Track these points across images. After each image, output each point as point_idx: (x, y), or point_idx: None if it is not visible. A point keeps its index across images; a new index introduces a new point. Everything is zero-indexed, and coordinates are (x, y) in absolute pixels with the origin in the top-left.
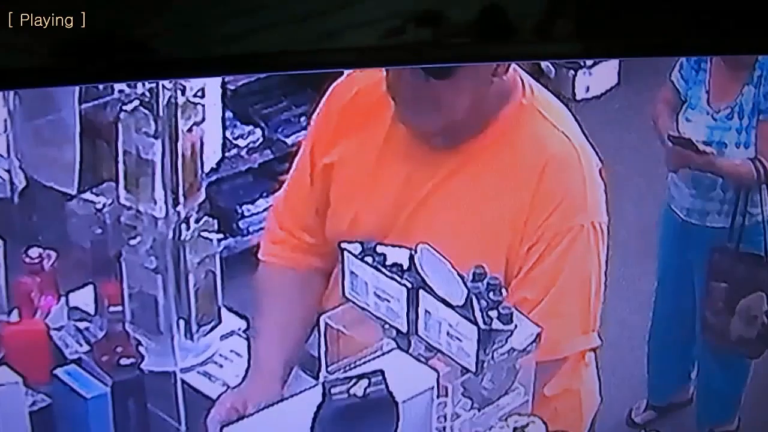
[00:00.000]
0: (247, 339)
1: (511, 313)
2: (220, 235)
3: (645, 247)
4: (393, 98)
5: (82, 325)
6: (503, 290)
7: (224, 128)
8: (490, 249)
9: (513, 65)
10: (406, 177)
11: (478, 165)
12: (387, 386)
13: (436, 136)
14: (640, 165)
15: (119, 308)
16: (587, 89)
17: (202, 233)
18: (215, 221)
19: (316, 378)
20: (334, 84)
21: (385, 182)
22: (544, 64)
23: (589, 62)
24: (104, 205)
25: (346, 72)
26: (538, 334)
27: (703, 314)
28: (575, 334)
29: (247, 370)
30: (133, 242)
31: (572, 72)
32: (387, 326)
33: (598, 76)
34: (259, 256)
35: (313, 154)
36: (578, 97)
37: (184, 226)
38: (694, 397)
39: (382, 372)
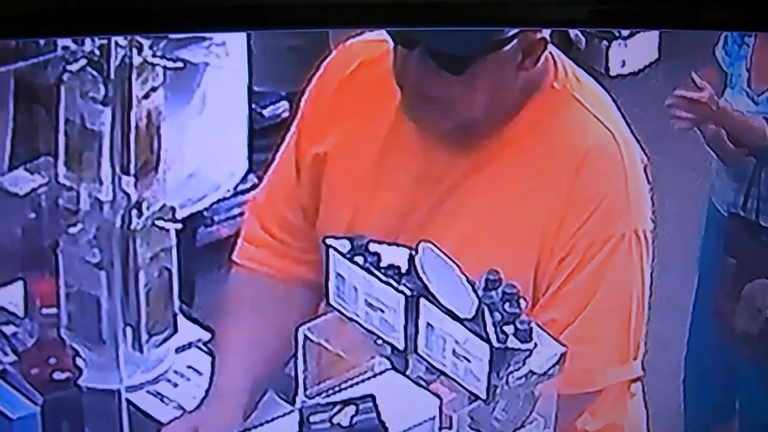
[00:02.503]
0: (210, 353)
1: (531, 329)
2: (179, 225)
3: (686, 253)
4: (399, 86)
5: (8, 329)
6: (521, 301)
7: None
8: (515, 261)
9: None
10: (416, 175)
11: (501, 162)
12: (378, 415)
13: (452, 131)
14: (684, 155)
15: (53, 310)
16: (623, 63)
17: (157, 222)
18: (173, 208)
19: (293, 403)
20: (331, 55)
21: (390, 180)
22: (572, 32)
23: (625, 32)
24: (39, 185)
25: (348, 41)
26: (563, 355)
27: (714, 296)
28: (612, 363)
29: (207, 392)
30: (72, 230)
31: (605, 43)
32: (380, 342)
33: (636, 49)
34: (234, 258)
35: (300, 141)
36: (612, 73)
37: (135, 212)
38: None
39: (372, 397)
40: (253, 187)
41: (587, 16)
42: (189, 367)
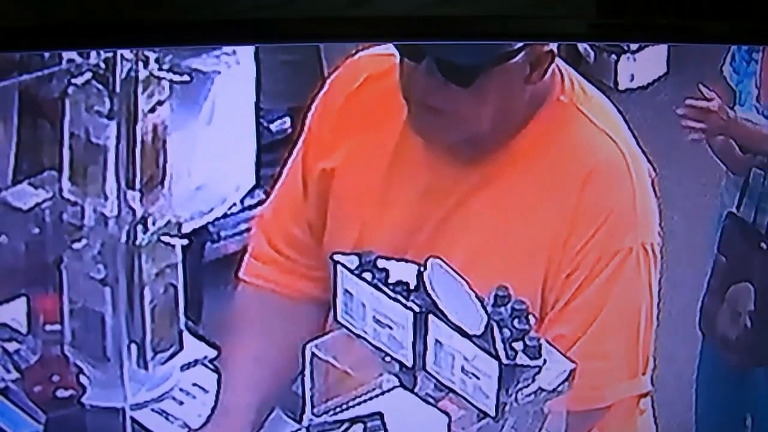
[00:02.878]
0: (216, 371)
1: (540, 346)
2: (185, 241)
3: (696, 268)
4: (405, 100)
5: (11, 346)
6: (530, 317)
7: (257, 112)
8: (523, 277)
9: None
10: (424, 191)
11: (508, 177)
12: None
13: (459, 145)
14: (693, 169)
15: (57, 327)
16: (632, 78)
17: (163, 237)
18: (179, 223)
19: (300, 421)
20: (338, 69)
21: (397, 195)
22: (581, 46)
23: (633, 46)
24: (43, 200)
25: (356, 55)
26: (572, 371)
27: (704, 294)
28: (621, 379)
29: (213, 410)
30: (77, 246)
31: (614, 57)
32: (388, 359)
33: (644, 63)
34: (241, 275)
35: (307, 156)
36: (621, 87)
37: (140, 227)
38: None
39: (380, 415)
40: (260, 202)
41: (594, 30)
42: (195, 384)
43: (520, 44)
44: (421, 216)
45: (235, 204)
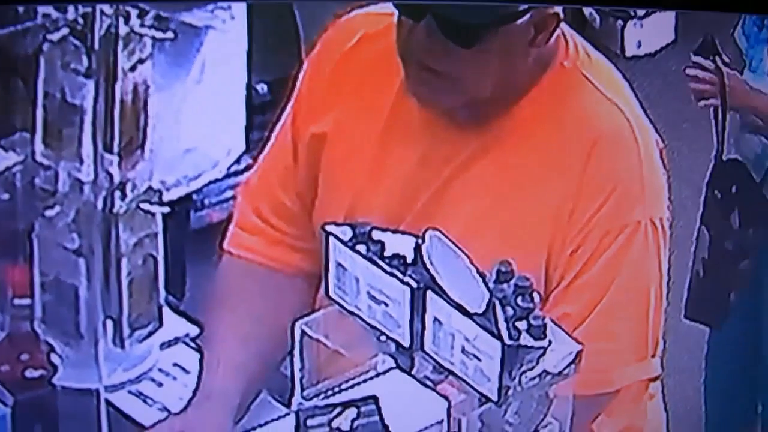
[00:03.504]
0: (199, 350)
1: (544, 325)
2: (166, 209)
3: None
4: (403, 61)
5: None
6: (535, 295)
7: (249, 71)
8: (526, 251)
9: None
10: (421, 157)
11: (510, 144)
12: (382, 418)
13: (458, 110)
14: (702, 141)
15: (26, 301)
16: (639, 44)
17: (142, 205)
18: (160, 190)
19: (288, 405)
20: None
21: (392, 162)
22: (587, 10)
23: (640, 12)
24: (14, 163)
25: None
26: (578, 353)
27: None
28: (629, 361)
29: (195, 392)
30: (49, 213)
31: (620, 22)
32: (383, 338)
33: (652, 30)
34: (225, 246)
35: (297, 120)
36: (628, 54)
37: (118, 194)
38: None
39: (375, 399)
40: (247, 168)
41: None
42: (175, 364)
43: (525, 5)
44: (417, 184)
45: (225, 167)
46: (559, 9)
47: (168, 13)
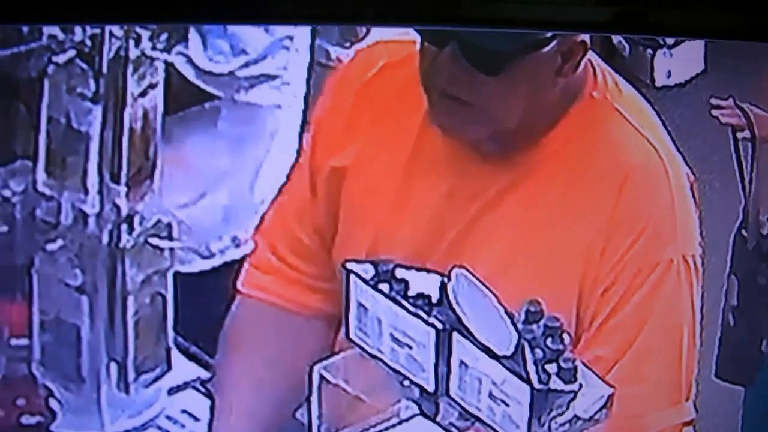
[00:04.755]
0: (210, 396)
1: (575, 368)
2: (177, 244)
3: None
4: (426, 90)
5: None
6: (565, 336)
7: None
8: (556, 291)
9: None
10: (447, 192)
11: (538, 179)
12: None
13: (484, 142)
14: (734, 174)
15: (24, 342)
16: (669, 74)
17: (151, 239)
18: (170, 224)
19: None
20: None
21: (417, 197)
22: (615, 39)
23: (669, 40)
24: (14, 193)
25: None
26: (610, 397)
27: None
28: (662, 406)
29: None
30: (50, 247)
31: (650, 51)
32: (407, 383)
33: (682, 59)
34: (239, 286)
35: (316, 152)
36: (658, 83)
37: (125, 227)
38: None
39: None
40: None
41: (627, 21)
42: (184, 411)
43: (551, 33)
44: (443, 220)
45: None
46: (586, 37)
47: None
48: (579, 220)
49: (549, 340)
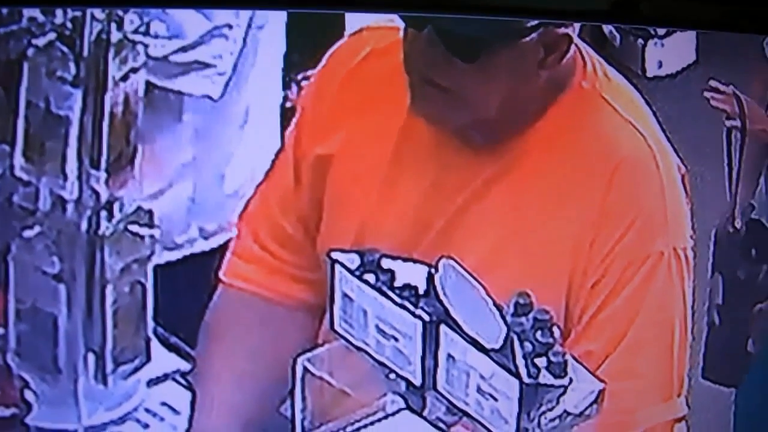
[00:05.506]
0: (191, 388)
1: (565, 362)
2: (157, 231)
3: None
4: (407, 75)
5: None
6: (555, 329)
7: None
8: (545, 283)
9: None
10: (433, 182)
11: (526, 169)
12: None
13: (469, 131)
14: (723, 167)
15: (0, 331)
16: (660, 64)
17: (131, 227)
18: (150, 211)
19: None
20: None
21: (404, 185)
22: (606, 28)
23: (661, 31)
24: None
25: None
26: (601, 392)
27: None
28: (654, 401)
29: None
30: (27, 234)
31: (641, 41)
32: (393, 376)
33: (673, 50)
34: (221, 276)
35: (300, 141)
36: (649, 74)
37: (104, 214)
38: None
39: None
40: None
41: (616, 11)
42: (164, 404)
43: (533, 22)
44: (429, 210)
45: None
46: (569, 30)
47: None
48: (568, 211)
49: (538, 334)
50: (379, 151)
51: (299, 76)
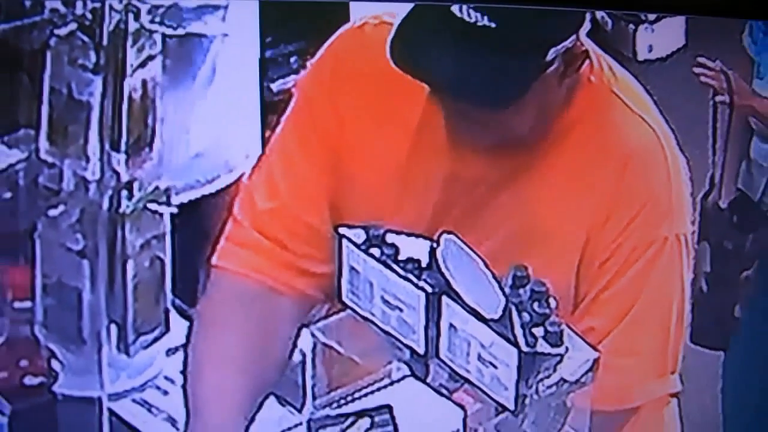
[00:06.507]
0: None
1: (561, 332)
2: (174, 210)
3: None
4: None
5: None
6: (551, 300)
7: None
8: (558, 263)
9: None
10: (450, 174)
11: (546, 162)
12: (396, 428)
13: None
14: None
15: (27, 305)
16: (650, 48)
17: (150, 205)
18: (168, 189)
19: (299, 412)
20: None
21: (421, 177)
22: (599, 14)
23: (651, 16)
24: (17, 161)
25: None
26: (596, 361)
27: None
28: (650, 377)
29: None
30: (52, 213)
31: (632, 26)
32: (398, 345)
33: (663, 34)
34: (214, 261)
35: (310, 125)
36: (640, 57)
37: (124, 193)
38: None
39: (389, 408)
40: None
41: None
42: (182, 372)
43: (554, 54)
44: (448, 201)
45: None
46: (588, 46)
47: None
48: (583, 198)
49: (536, 304)
50: (394, 141)
51: (306, 61)
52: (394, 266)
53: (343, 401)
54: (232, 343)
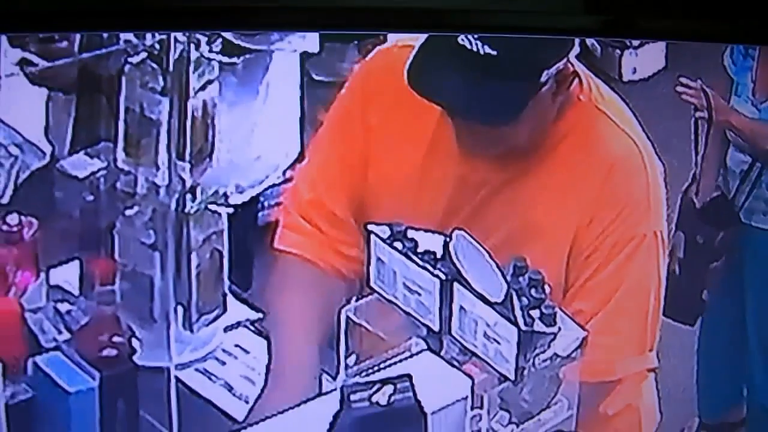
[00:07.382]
0: (257, 332)
1: (555, 314)
2: (231, 210)
3: None
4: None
5: (63, 307)
6: (546, 287)
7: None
8: (550, 255)
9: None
10: (460, 179)
11: (541, 170)
12: (415, 394)
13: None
14: (688, 157)
15: (109, 288)
16: (634, 70)
17: (210, 206)
18: (225, 193)
19: (334, 380)
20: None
21: (435, 182)
22: (589, 41)
23: (635, 42)
24: (98, 169)
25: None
26: (584, 339)
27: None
28: (630, 354)
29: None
30: (129, 212)
31: (618, 51)
32: (417, 324)
33: (645, 58)
34: (276, 245)
35: (349, 134)
36: (625, 78)
37: (189, 196)
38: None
39: (409, 377)
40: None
41: (599, 26)
42: (237, 345)
43: (548, 75)
44: (457, 201)
45: (284, 171)
46: (578, 68)
47: (239, 41)
48: (572, 200)
49: (533, 290)
50: (413, 152)
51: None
52: (414, 257)
53: (370, 371)
54: (298, 315)
